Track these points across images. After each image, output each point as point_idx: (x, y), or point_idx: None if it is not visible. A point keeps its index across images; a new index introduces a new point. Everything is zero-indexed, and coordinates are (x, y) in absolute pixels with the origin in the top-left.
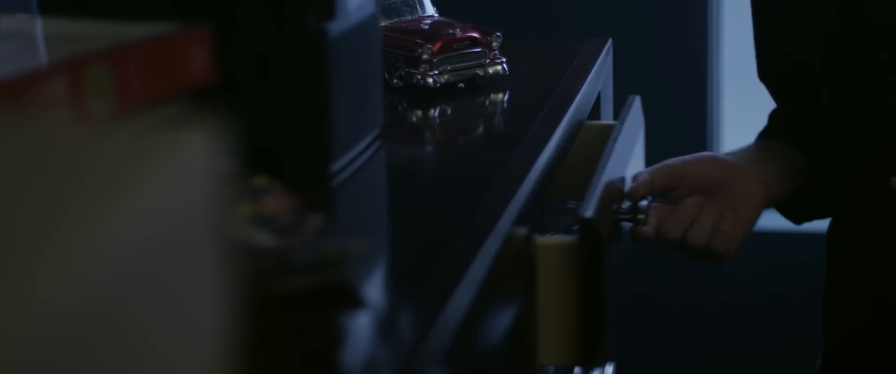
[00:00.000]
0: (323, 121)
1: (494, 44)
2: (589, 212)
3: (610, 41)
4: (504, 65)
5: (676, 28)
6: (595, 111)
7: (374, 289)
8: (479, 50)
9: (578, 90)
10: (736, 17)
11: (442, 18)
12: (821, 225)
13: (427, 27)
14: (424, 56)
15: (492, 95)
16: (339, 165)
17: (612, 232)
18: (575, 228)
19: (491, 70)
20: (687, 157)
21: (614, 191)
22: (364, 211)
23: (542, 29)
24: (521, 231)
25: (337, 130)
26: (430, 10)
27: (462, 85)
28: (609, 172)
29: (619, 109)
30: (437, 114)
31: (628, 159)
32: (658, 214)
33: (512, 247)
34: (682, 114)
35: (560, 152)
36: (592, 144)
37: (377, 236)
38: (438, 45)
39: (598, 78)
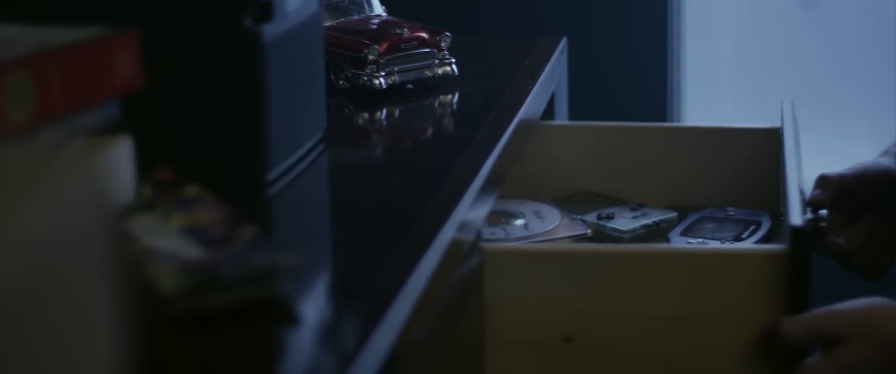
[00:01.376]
0: (259, 127)
1: (443, 44)
2: (798, 220)
3: (564, 40)
4: (453, 66)
5: (635, 24)
6: (549, 111)
7: (306, 304)
8: (427, 50)
9: (530, 91)
10: (697, 12)
11: (390, 18)
12: None
13: (374, 27)
14: (371, 57)
15: (441, 97)
16: (277, 172)
17: None
18: (742, 235)
19: (440, 71)
20: (865, 167)
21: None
22: (301, 220)
23: (496, 28)
24: (468, 239)
25: (274, 136)
26: (379, 9)
27: (411, 86)
28: (795, 179)
29: (575, 109)
30: (383, 116)
31: (802, 164)
32: (829, 224)
33: (457, 256)
34: (642, 112)
35: (509, 156)
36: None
37: (313, 248)
38: (385, 45)
39: (552, 77)
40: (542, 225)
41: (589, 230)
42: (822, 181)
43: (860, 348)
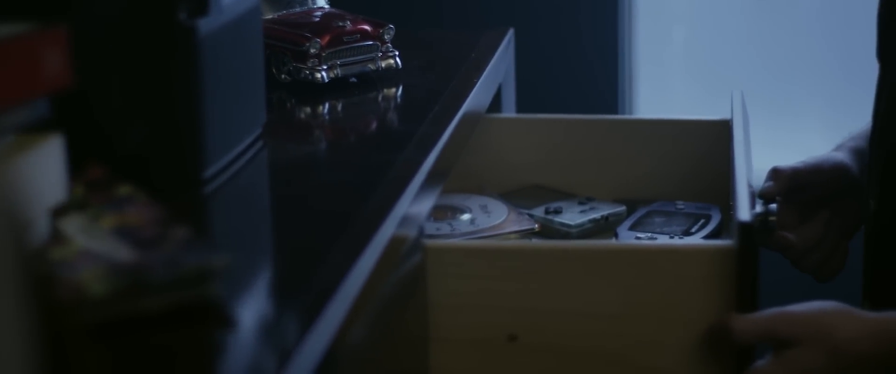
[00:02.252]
0: (195, 123)
1: (387, 36)
2: (746, 215)
3: (511, 31)
4: (397, 58)
5: (585, 14)
6: (496, 104)
7: (241, 305)
8: (370, 43)
9: (474, 84)
10: (649, 2)
11: (332, 10)
12: None
13: (316, 20)
14: (313, 50)
15: (384, 91)
16: (215, 169)
17: None
18: (692, 230)
19: (383, 64)
20: (819, 161)
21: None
22: (238, 219)
23: (442, 20)
24: (409, 236)
25: (211, 132)
26: (321, 1)
27: (354, 79)
28: (744, 172)
29: (523, 102)
30: (325, 111)
31: (752, 157)
32: (780, 219)
33: (398, 254)
34: (594, 104)
35: (453, 150)
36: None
37: (250, 246)
38: (327, 38)
39: (498, 70)
40: (488, 220)
41: (536, 225)
42: (775, 173)
43: (811, 353)
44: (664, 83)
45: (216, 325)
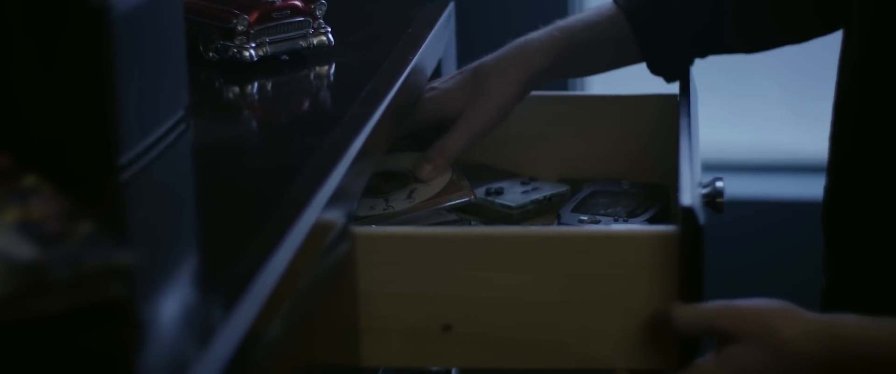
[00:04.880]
0: (109, 108)
1: (319, 12)
2: (689, 199)
3: (452, 5)
4: (329, 35)
5: None
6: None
7: (149, 302)
8: (301, 19)
9: (410, 62)
10: None
11: None
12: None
13: None
14: (240, 27)
15: (316, 69)
16: (131, 155)
17: None
18: (637, 211)
19: (315, 41)
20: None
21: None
22: (154, 209)
23: None
24: (336, 222)
25: (126, 116)
26: None
27: (285, 57)
28: (688, 152)
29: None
30: (253, 91)
31: (699, 134)
32: None
33: (322, 242)
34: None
35: (385, 131)
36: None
37: (163, 239)
38: (256, 14)
39: (438, 45)
40: (428, 190)
41: (472, 196)
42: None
43: (752, 350)
44: None
45: (122, 325)
